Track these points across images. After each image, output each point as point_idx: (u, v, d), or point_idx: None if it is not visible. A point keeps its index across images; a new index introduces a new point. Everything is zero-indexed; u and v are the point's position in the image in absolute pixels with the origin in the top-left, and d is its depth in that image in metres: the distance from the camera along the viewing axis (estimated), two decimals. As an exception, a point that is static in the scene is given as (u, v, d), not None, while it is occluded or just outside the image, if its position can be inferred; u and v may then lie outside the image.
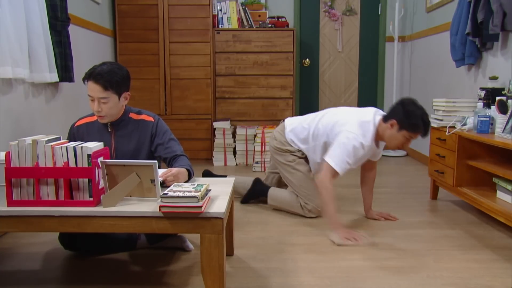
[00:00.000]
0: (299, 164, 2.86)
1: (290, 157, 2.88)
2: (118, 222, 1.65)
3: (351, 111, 2.72)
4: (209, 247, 1.64)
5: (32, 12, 2.66)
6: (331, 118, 2.71)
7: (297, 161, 2.86)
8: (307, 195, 2.81)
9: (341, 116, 2.67)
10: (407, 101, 2.52)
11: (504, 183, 2.54)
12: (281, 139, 2.92)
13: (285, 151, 2.89)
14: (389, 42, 5.26)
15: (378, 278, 1.99)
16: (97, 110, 2.05)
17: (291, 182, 2.87)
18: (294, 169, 2.86)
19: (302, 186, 2.83)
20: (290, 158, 2.88)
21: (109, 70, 2.03)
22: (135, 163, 1.71)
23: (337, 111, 2.77)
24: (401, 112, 2.48)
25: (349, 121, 2.59)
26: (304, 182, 2.83)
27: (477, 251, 2.29)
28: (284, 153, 2.90)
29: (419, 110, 2.48)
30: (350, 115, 2.65)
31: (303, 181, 2.83)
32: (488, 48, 3.31)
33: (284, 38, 4.70)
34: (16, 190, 1.67)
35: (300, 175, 2.84)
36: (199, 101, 4.71)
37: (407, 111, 2.47)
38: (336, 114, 2.72)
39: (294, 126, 2.89)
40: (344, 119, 2.62)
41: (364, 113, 2.64)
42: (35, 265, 2.14)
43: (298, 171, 2.85)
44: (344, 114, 2.68)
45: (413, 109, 2.47)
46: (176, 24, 4.60)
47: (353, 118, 2.60)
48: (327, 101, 5.41)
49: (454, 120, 2.97)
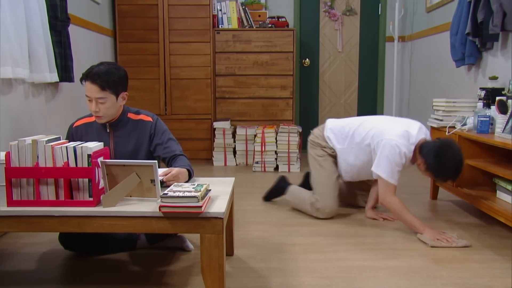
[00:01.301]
0: (326, 162, 2.83)
1: (320, 151, 2.86)
2: (118, 222, 1.65)
3: (396, 121, 2.70)
4: (209, 247, 1.64)
5: (32, 12, 2.66)
6: (374, 124, 2.70)
7: (325, 158, 2.84)
8: (321, 193, 2.79)
9: (385, 124, 2.65)
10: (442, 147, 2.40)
11: (504, 183, 2.54)
12: (318, 134, 2.91)
13: (317, 144, 2.88)
14: (389, 42, 5.26)
15: (378, 278, 1.99)
16: (95, 111, 2.04)
17: (313, 176, 2.88)
18: (320, 165, 2.84)
19: (320, 183, 2.81)
20: (320, 153, 2.86)
21: (106, 70, 2.02)
22: (135, 163, 1.71)
23: (382, 118, 2.80)
24: (432, 157, 2.41)
25: (394, 130, 2.56)
26: (324, 180, 2.80)
27: (477, 251, 2.29)
28: (316, 147, 2.89)
29: (450, 162, 2.38)
30: (394, 125, 2.62)
31: (324, 179, 2.80)
32: (488, 48, 3.31)
33: (284, 38, 4.70)
34: (16, 190, 1.67)
35: (323, 172, 2.82)
36: (199, 101, 4.71)
37: (438, 161, 2.40)
38: (380, 121, 2.72)
39: (335, 125, 2.87)
40: (389, 128, 2.59)
41: (410, 126, 2.60)
42: (35, 265, 2.14)
43: (323, 169, 2.82)
44: (388, 123, 2.66)
45: (444, 160, 2.38)
46: (176, 24, 4.60)
47: (398, 128, 2.57)
48: (327, 101, 5.41)
49: (454, 120, 2.97)
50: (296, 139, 4.35)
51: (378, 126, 2.65)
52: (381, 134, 2.58)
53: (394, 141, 2.51)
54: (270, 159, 4.37)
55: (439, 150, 2.40)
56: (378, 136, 2.59)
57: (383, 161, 2.53)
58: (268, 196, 3.21)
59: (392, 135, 2.54)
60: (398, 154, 2.50)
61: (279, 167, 4.38)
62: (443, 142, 2.44)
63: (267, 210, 3.02)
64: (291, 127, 4.35)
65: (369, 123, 2.72)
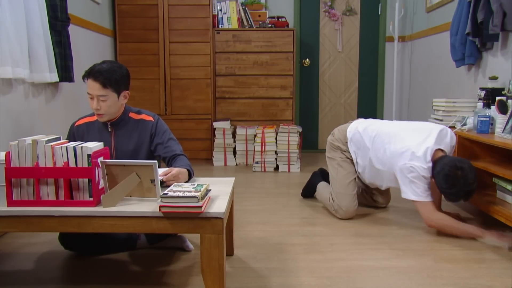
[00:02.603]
0: (345, 162, 2.83)
1: (339, 154, 2.86)
2: (118, 222, 1.65)
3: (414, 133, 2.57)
4: (209, 247, 1.64)
5: (32, 12, 2.66)
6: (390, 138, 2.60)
7: (344, 159, 2.84)
8: (337, 193, 2.80)
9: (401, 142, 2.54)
10: (453, 170, 2.32)
11: (504, 183, 2.54)
12: (339, 136, 2.88)
13: (337, 147, 2.88)
14: (389, 42, 5.26)
15: (378, 278, 1.99)
16: (96, 108, 2.05)
17: (331, 176, 2.89)
18: (339, 165, 2.84)
19: (338, 182, 2.82)
20: (339, 155, 2.86)
21: (108, 68, 2.03)
22: (135, 163, 1.71)
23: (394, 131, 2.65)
24: (442, 179, 2.35)
25: (409, 150, 2.47)
26: (341, 179, 2.81)
27: (477, 251, 2.29)
28: (336, 150, 2.89)
29: (461, 186, 2.31)
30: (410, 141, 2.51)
31: (342, 178, 2.81)
32: (488, 48, 3.31)
33: (284, 38, 4.70)
34: (16, 190, 1.67)
35: (342, 172, 2.82)
36: (199, 101, 4.71)
37: (447, 184, 2.34)
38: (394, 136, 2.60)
39: (354, 135, 2.80)
40: (406, 146, 2.49)
41: (427, 139, 2.50)
42: (35, 265, 2.14)
43: (342, 168, 2.82)
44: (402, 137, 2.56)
45: (454, 184, 2.32)
46: (176, 24, 4.60)
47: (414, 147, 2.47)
48: (327, 101, 5.41)
49: (454, 120, 2.97)
50: (296, 139, 4.35)
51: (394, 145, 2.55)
52: (398, 155, 2.51)
53: (409, 165, 2.45)
54: (270, 159, 4.36)
55: (450, 172, 2.33)
56: (394, 158, 2.53)
57: (408, 186, 2.48)
58: (304, 193, 3.30)
59: (406, 158, 2.46)
60: (418, 174, 2.44)
61: (279, 167, 4.38)
62: (455, 164, 2.34)
63: (267, 210, 3.02)
64: (291, 127, 4.35)
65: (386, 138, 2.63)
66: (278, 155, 4.37)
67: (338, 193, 2.80)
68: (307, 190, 3.28)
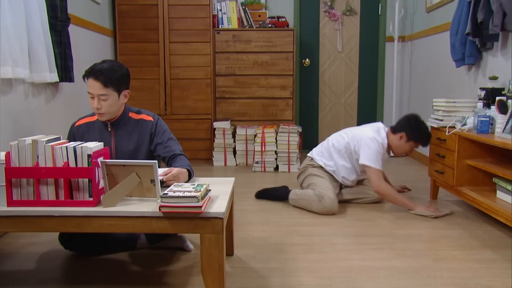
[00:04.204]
0: (326, 174, 3.11)
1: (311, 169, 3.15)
2: (118, 222, 1.65)
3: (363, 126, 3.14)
4: (209, 247, 1.64)
5: (32, 12, 2.66)
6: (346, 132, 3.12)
7: (320, 172, 3.11)
8: (323, 188, 2.95)
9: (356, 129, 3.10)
10: (412, 118, 3.01)
11: (504, 183, 2.54)
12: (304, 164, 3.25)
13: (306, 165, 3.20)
14: (389, 42, 5.26)
15: (378, 278, 1.99)
16: (97, 107, 2.05)
17: (314, 183, 3.04)
18: (319, 176, 3.08)
19: (320, 184, 3.00)
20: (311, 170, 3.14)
21: (109, 67, 2.03)
22: (135, 163, 1.71)
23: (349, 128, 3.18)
24: (408, 127, 2.98)
25: (366, 130, 3.02)
26: (325, 182, 3.01)
27: (477, 251, 2.29)
28: (316, 167, 3.15)
29: (423, 125, 3.00)
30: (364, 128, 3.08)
31: (325, 181, 3.03)
32: (488, 48, 3.31)
33: (284, 38, 4.70)
34: (16, 190, 1.67)
35: (324, 179, 3.05)
36: (199, 101, 4.71)
37: (414, 126, 2.98)
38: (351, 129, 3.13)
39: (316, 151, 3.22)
40: (361, 130, 3.04)
41: (375, 125, 3.10)
42: (35, 265, 2.14)
43: (323, 178, 3.07)
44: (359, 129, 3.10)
45: (419, 125, 2.99)
46: (176, 24, 4.60)
47: (368, 128, 3.05)
48: (327, 101, 5.41)
49: (454, 120, 2.97)
50: (296, 139, 4.35)
51: (351, 133, 3.07)
52: (357, 135, 3.00)
53: (371, 136, 2.94)
54: (270, 159, 4.37)
55: (411, 119, 3.00)
56: (355, 138, 3.00)
57: (366, 153, 2.92)
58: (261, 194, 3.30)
59: (367, 133, 2.97)
60: (377, 144, 2.92)
61: (279, 167, 4.38)
62: (408, 115, 3.05)
63: (267, 210, 3.02)
64: (291, 127, 4.35)
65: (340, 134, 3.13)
66: (278, 155, 4.37)
67: (324, 189, 2.95)
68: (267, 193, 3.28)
